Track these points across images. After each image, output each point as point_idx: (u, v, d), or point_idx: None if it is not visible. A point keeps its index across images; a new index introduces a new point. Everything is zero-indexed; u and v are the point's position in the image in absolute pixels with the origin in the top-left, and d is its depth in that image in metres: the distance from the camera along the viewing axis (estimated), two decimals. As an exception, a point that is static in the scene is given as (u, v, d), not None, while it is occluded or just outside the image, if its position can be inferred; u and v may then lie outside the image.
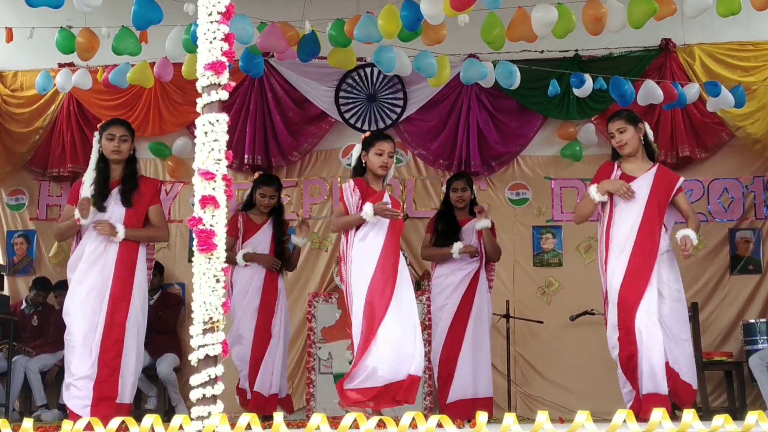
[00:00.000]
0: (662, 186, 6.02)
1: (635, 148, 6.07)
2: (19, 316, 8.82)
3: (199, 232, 3.87)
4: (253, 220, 7.45)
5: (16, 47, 8.16)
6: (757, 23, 8.62)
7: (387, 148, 5.99)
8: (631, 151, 6.07)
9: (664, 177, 6.07)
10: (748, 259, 8.97)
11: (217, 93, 3.99)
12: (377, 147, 5.98)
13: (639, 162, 6.10)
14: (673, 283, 6.02)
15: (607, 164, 6.22)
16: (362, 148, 6.09)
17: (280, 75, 9.28)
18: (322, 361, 8.72)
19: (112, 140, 6.04)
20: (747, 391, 8.25)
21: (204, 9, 4.04)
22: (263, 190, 7.44)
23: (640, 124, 6.12)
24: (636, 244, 5.88)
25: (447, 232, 7.38)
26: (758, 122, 8.83)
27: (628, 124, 6.07)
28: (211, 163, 3.93)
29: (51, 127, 9.48)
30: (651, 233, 5.92)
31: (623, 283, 5.83)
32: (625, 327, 5.78)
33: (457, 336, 7.24)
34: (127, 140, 6.10)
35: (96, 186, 5.99)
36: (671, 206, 6.12)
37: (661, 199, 6.00)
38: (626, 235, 5.92)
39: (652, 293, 5.81)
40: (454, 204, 7.48)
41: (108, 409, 5.64)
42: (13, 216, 9.67)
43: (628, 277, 5.83)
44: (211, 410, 3.74)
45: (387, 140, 6.07)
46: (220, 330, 3.83)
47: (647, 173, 6.04)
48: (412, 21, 6.85)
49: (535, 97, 9.03)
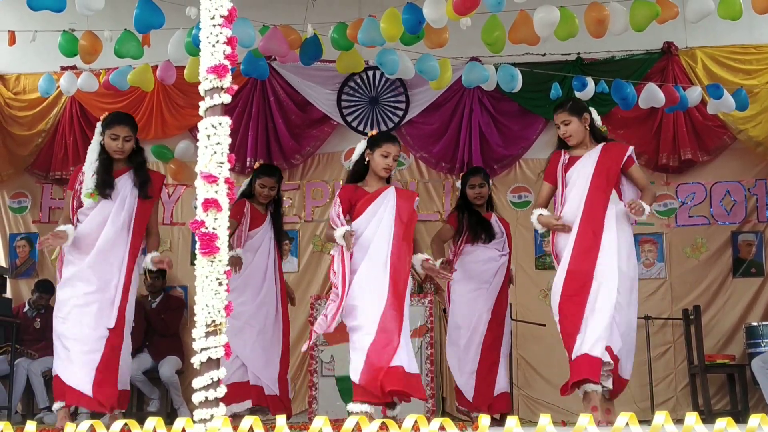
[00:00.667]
0: (608, 159, 5.98)
1: (580, 139, 6.09)
2: (22, 318, 8.82)
3: (202, 235, 3.87)
4: (259, 210, 7.16)
5: (19, 50, 8.19)
6: (759, 26, 8.65)
7: (393, 151, 5.99)
8: (576, 142, 6.10)
9: (610, 149, 6.04)
10: (751, 262, 8.98)
11: (219, 96, 4.00)
12: (384, 148, 5.97)
13: (587, 147, 6.10)
14: (625, 258, 5.96)
15: (555, 154, 6.20)
16: (367, 146, 6.06)
17: (283, 78, 9.29)
18: (325, 363, 8.70)
19: (116, 140, 6.03)
20: (749, 394, 8.23)
21: (206, 12, 4.05)
22: (264, 181, 7.15)
23: (585, 113, 6.10)
24: (582, 219, 5.86)
25: (479, 225, 7.28)
26: (760, 125, 8.84)
27: (572, 115, 6.07)
28: (213, 166, 3.93)
29: (54, 130, 9.51)
30: (597, 207, 5.87)
31: (572, 256, 5.83)
32: (576, 294, 5.77)
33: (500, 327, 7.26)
34: (131, 139, 6.10)
35: (98, 176, 5.94)
36: (629, 182, 6.08)
37: (609, 171, 5.95)
38: (573, 213, 5.92)
39: (604, 260, 5.80)
40: (473, 201, 7.33)
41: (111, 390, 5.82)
42: (16, 219, 9.68)
43: (576, 251, 5.82)
44: (213, 413, 3.74)
45: (394, 143, 6.06)
46: (222, 333, 3.83)
47: (592, 150, 6.05)
48: (414, 24, 6.85)
49: (537, 100, 9.04)
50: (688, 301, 8.83)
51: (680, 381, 8.83)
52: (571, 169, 6.06)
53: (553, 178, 6.13)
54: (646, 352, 8.52)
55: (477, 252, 7.27)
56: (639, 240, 9.05)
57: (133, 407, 8.55)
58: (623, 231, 5.96)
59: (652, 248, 9.08)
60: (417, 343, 8.45)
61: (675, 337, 8.90)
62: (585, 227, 5.85)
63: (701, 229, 9.09)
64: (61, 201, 9.55)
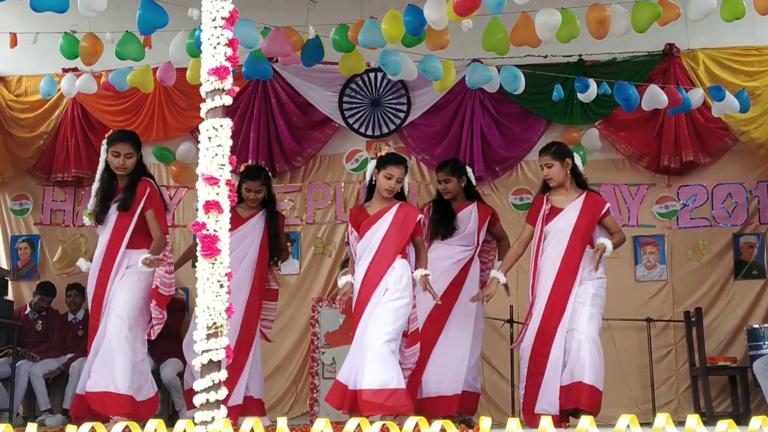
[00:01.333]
0: (587, 213, 6.41)
1: (560, 182, 6.46)
2: (23, 321, 8.82)
3: (203, 238, 3.86)
4: (239, 214, 6.75)
5: (21, 52, 8.19)
6: (761, 28, 8.65)
7: (396, 173, 6.27)
8: (557, 185, 6.47)
9: (589, 204, 6.45)
10: (752, 264, 8.96)
11: (220, 98, 3.99)
12: (388, 170, 6.29)
13: (567, 192, 6.50)
14: (590, 297, 6.32)
15: (538, 198, 6.64)
16: (375, 167, 6.37)
17: (284, 80, 9.29)
18: (326, 366, 8.71)
19: (117, 157, 6.32)
20: (751, 396, 8.22)
21: (208, 14, 4.04)
22: (248, 185, 6.89)
23: (568, 158, 6.46)
24: (559, 272, 6.32)
25: (442, 220, 7.10)
26: (762, 127, 8.83)
27: (554, 159, 6.47)
28: (214, 168, 3.93)
29: (55, 132, 9.49)
30: (573, 261, 6.33)
31: (545, 308, 6.30)
32: (541, 349, 6.27)
33: (435, 327, 6.91)
34: (132, 156, 6.36)
35: (97, 199, 6.36)
36: (600, 227, 6.48)
37: (588, 225, 6.41)
38: (552, 262, 6.37)
39: (566, 317, 6.24)
40: (443, 195, 7.21)
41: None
42: (17, 221, 9.67)
43: (549, 303, 6.30)
44: (214, 415, 3.73)
45: (399, 165, 6.32)
46: (224, 335, 3.82)
47: (574, 203, 6.45)
48: (415, 26, 6.84)
49: (539, 102, 9.04)
50: (689, 304, 8.82)
51: (682, 383, 8.81)
52: (551, 223, 6.46)
53: (535, 222, 6.56)
54: (647, 355, 8.52)
55: (436, 249, 7.05)
56: (640, 242, 9.06)
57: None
58: (590, 280, 6.35)
59: (654, 250, 9.07)
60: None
61: (676, 340, 8.89)
62: (560, 281, 6.31)
63: (703, 231, 9.08)
64: (62, 203, 9.55)
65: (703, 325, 8.38)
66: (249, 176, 6.94)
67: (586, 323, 6.22)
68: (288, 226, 7.59)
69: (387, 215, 6.31)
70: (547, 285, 6.34)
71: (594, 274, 6.30)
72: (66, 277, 7.30)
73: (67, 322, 8.97)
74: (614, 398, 8.33)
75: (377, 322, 6.05)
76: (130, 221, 6.31)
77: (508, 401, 8.28)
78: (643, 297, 8.91)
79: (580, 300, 6.28)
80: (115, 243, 6.30)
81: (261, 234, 6.91)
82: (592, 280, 6.33)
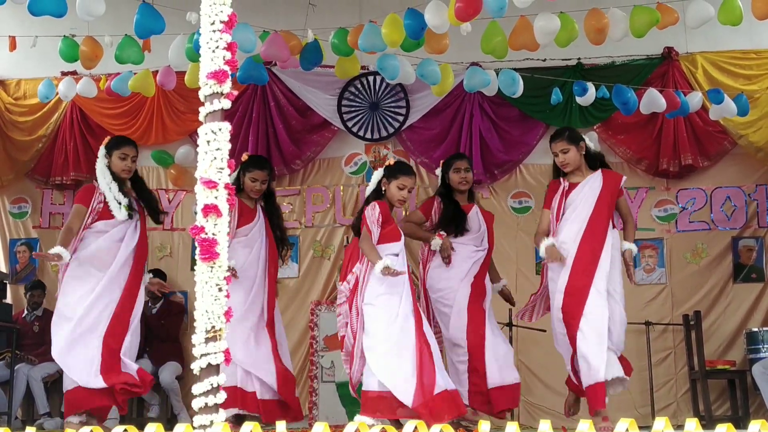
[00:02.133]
0: (608, 186, 6.38)
1: (576, 166, 6.45)
2: (21, 324, 8.82)
3: (202, 241, 3.86)
4: (248, 205, 6.69)
5: (20, 55, 8.19)
6: (759, 32, 8.64)
7: (409, 184, 6.26)
8: (573, 169, 6.46)
9: (609, 176, 6.46)
10: (751, 268, 8.97)
11: (219, 102, 3.98)
12: (401, 180, 6.23)
13: (582, 174, 6.47)
14: (617, 285, 6.30)
15: (554, 182, 6.60)
16: (384, 175, 6.27)
17: (283, 83, 9.29)
18: (325, 369, 8.72)
19: (125, 160, 6.39)
20: (750, 399, 8.23)
21: (207, 18, 4.04)
22: (255, 174, 6.67)
23: (582, 142, 6.47)
24: (582, 241, 6.24)
25: (455, 218, 6.85)
26: (761, 130, 8.84)
27: (570, 144, 6.45)
28: (213, 172, 3.92)
29: (54, 136, 9.50)
30: (598, 231, 6.26)
31: (567, 286, 6.19)
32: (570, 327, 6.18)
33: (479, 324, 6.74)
34: (136, 160, 6.50)
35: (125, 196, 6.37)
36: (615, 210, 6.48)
37: (612, 198, 6.37)
38: (574, 237, 6.28)
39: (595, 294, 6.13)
40: (457, 186, 6.91)
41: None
42: (16, 224, 9.67)
43: (572, 279, 6.19)
44: (213, 419, 3.73)
45: (411, 175, 6.33)
46: (222, 339, 3.82)
47: (592, 176, 6.43)
48: (415, 30, 6.85)
49: (537, 106, 9.05)
50: (688, 307, 8.82)
51: (681, 386, 8.81)
52: (572, 194, 6.42)
53: (551, 204, 6.51)
54: (646, 358, 8.52)
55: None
56: (639, 245, 9.02)
57: (133, 413, 8.54)
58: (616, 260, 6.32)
59: (653, 254, 9.07)
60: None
61: (675, 343, 8.89)
62: (584, 247, 6.21)
63: (702, 235, 9.08)
64: (61, 206, 9.55)
65: (702, 328, 8.38)
66: (255, 165, 6.76)
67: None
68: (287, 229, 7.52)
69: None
70: (572, 249, 6.23)
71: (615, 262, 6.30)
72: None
73: (66, 326, 8.95)
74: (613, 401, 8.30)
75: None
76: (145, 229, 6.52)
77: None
78: (642, 300, 8.91)
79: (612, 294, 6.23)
80: (144, 245, 6.48)
81: (266, 226, 6.81)
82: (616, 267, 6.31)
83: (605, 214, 6.29)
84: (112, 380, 6.05)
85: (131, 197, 6.39)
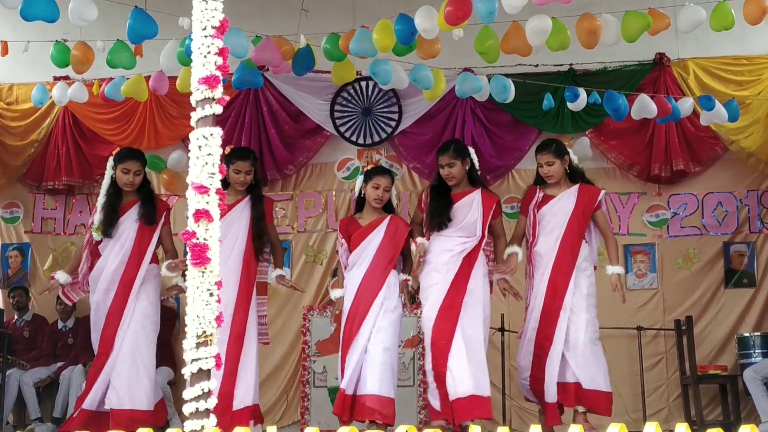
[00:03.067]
0: (583, 200, 6.56)
1: (559, 179, 6.63)
2: (12, 329, 8.81)
3: (193, 246, 3.86)
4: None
5: (12, 61, 8.17)
6: (750, 37, 8.68)
7: (383, 183, 6.54)
8: (555, 182, 6.62)
9: (584, 192, 6.60)
10: (743, 273, 8.99)
11: (211, 107, 3.99)
12: (375, 181, 6.55)
13: (560, 186, 6.66)
14: (588, 297, 6.54)
15: (531, 189, 6.79)
16: (363, 180, 6.62)
17: (276, 88, 9.29)
18: (317, 374, 8.70)
19: (127, 174, 6.57)
20: (741, 404, 8.24)
21: (198, 23, 4.04)
22: (238, 166, 6.49)
23: (567, 156, 6.63)
24: (556, 259, 6.49)
25: (437, 210, 6.60)
26: (752, 136, 8.87)
27: (556, 157, 6.61)
28: (204, 177, 3.93)
29: (46, 140, 9.48)
30: (571, 248, 6.50)
31: (545, 299, 6.52)
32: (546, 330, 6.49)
33: (450, 321, 6.43)
34: (140, 173, 6.64)
35: (104, 213, 6.53)
36: (594, 225, 6.66)
37: (585, 213, 6.55)
38: (548, 251, 6.54)
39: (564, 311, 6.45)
40: (446, 180, 6.68)
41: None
42: (8, 229, 9.65)
43: (548, 294, 6.51)
44: (204, 424, 3.73)
45: (384, 175, 6.61)
46: (213, 344, 3.82)
47: (569, 190, 6.62)
48: (406, 35, 6.86)
49: (529, 111, 9.06)
50: (680, 312, 8.84)
51: (672, 392, 8.82)
52: (544, 208, 6.62)
53: (527, 212, 6.74)
54: (638, 363, 8.53)
55: (436, 240, 6.61)
56: (631, 251, 9.08)
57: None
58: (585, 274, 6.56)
59: (644, 259, 9.09)
60: (410, 354, 8.46)
61: (667, 348, 8.90)
62: (558, 266, 6.48)
63: (693, 240, 9.11)
64: (53, 211, 9.54)
65: (693, 333, 8.40)
66: (237, 156, 6.57)
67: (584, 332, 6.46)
68: (279, 234, 7.42)
69: (380, 227, 6.54)
70: (547, 270, 6.53)
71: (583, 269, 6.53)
72: (48, 294, 7.30)
73: (57, 330, 8.95)
74: (605, 407, 8.35)
75: (380, 332, 6.35)
76: (152, 235, 6.63)
77: (499, 410, 8.27)
78: (633, 305, 8.91)
79: (576, 308, 6.46)
80: (138, 256, 6.54)
81: (248, 221, 6.57)
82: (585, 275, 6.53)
83: (578, 231, 6.52)
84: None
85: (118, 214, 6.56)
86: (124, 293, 6.46)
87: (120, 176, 6.56)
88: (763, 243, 9.05)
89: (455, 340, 6.36)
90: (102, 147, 9.40)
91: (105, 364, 6.39)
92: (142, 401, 6.32)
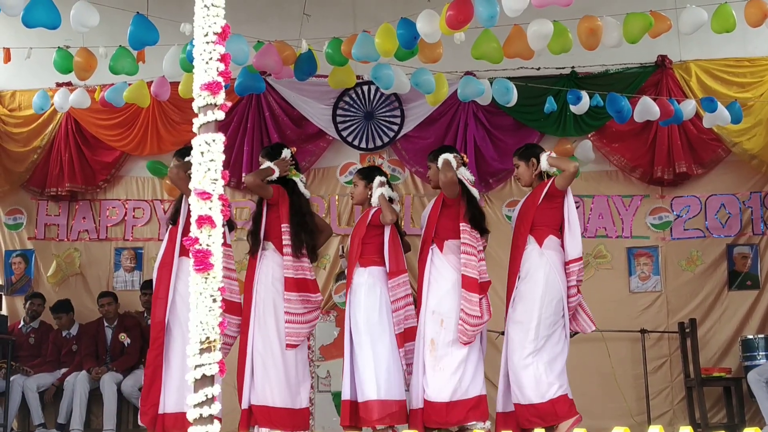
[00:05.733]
0: (531, 196, 6.48)
1: (527, 182, 6.58)
2: (17, 335, 8.81)
3: (196, 252, 3.86)
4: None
5: (14, 67, 8.17)
6: (752, 39, 8.67)
7: (354, 180, 6.92)
8: (525, 185, 6.66)
9: (534, 190, 6.47)
10: (746, 275, 8.98)
11: (213, 113, 3.99)
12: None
13: (529, 191, 6.64)
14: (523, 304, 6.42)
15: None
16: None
17: (278, 93, 9.30)
18: (321, 379, 8.70)
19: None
20: (746, 407, 8.24)
21: (200, 29, 4.04)
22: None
23: (533, 159, 6.49)
24: (509, 268, 6.53)
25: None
26: (755, 138, 8.86)
27: (519, 160, 6.61)
28: (207, 183, 3.92)
29: (49, 147, 9.48)
30: (517, 249, 6.42)
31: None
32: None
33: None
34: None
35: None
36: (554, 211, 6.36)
37: (527, 212, 6.41)
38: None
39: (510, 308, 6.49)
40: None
41: None
42: (11, 235, 9.65)
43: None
44: (208, 430, 3.73)
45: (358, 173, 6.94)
46: (216, 350, 3.82)
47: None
48: (408, 39, 6.87)
49: (532, 114, 9.06)
50: (683, 314, 8.83)
51: (677, 394, 8.81)
52: (514, 210, 6.82)
53: None
54: (642, 366, 8.52)
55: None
56: (634, 253, 9.07)
57: (129, 423, 8.53)
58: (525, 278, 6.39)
59: (648, 261, 9.08)
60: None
61: (671, 351, 8.89)
62: (510, 270, 6.49)
63: (696, 242, 9.10)
64: (56, 217, 9.54)
65: (697, 336, 8.40)
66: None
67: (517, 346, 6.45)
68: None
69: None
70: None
71: (531, 273, 6.32)
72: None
73: (61, 337, 8.95)
74: (609, 409, 8.36)
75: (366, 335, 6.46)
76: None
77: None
78: (637, 308, 8.92)
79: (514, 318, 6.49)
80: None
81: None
82: (527, 281, 6.35)
83: (521, 233, 6.39)
84: None
85: None
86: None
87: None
88: (766, 245, 9.05)
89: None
90: (105, 153, 9.42)
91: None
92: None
